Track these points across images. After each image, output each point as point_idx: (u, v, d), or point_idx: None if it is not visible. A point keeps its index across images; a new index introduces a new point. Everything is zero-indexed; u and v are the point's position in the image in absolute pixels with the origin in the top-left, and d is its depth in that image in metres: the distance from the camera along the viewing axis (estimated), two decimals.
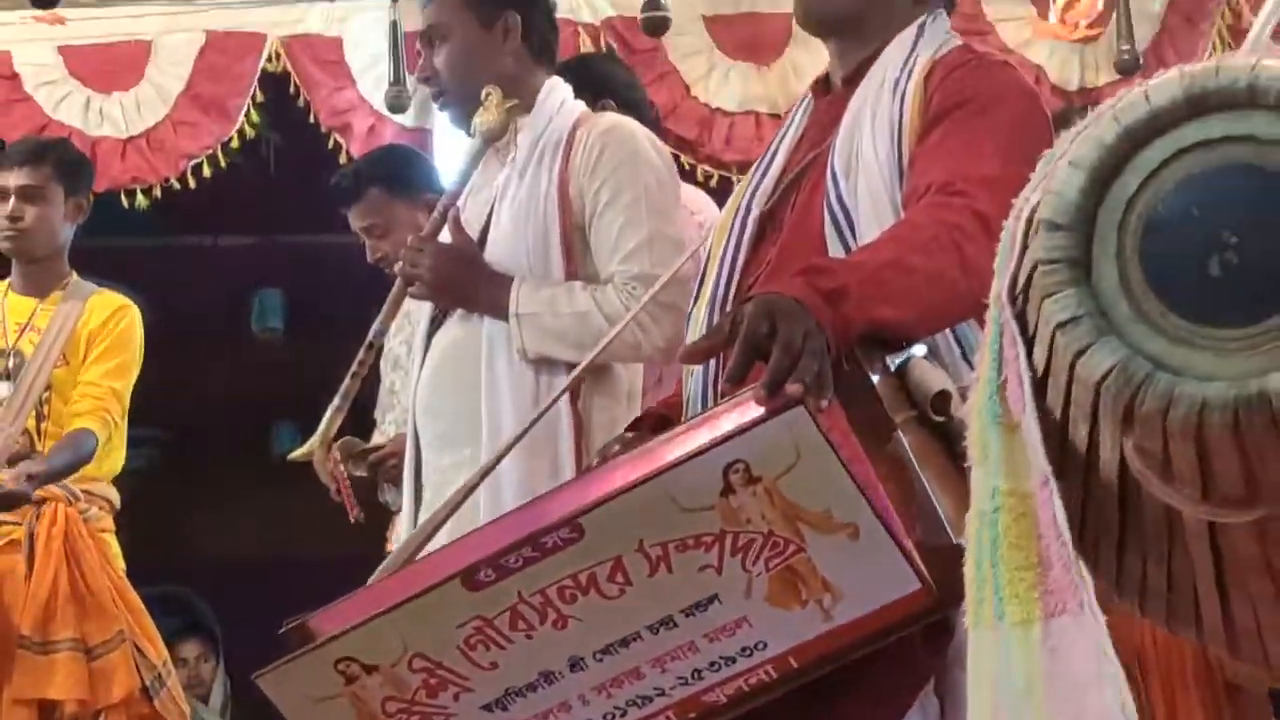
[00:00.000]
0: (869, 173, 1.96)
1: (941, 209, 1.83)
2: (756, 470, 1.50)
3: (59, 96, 5.42)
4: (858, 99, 2.06)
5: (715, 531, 1.53)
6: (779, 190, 2.07)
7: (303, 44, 5.50)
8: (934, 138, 1.96)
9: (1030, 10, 5.30)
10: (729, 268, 2.04)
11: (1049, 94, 5.33)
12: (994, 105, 1.97)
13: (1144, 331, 0.69)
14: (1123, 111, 0.72)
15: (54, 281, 4.12)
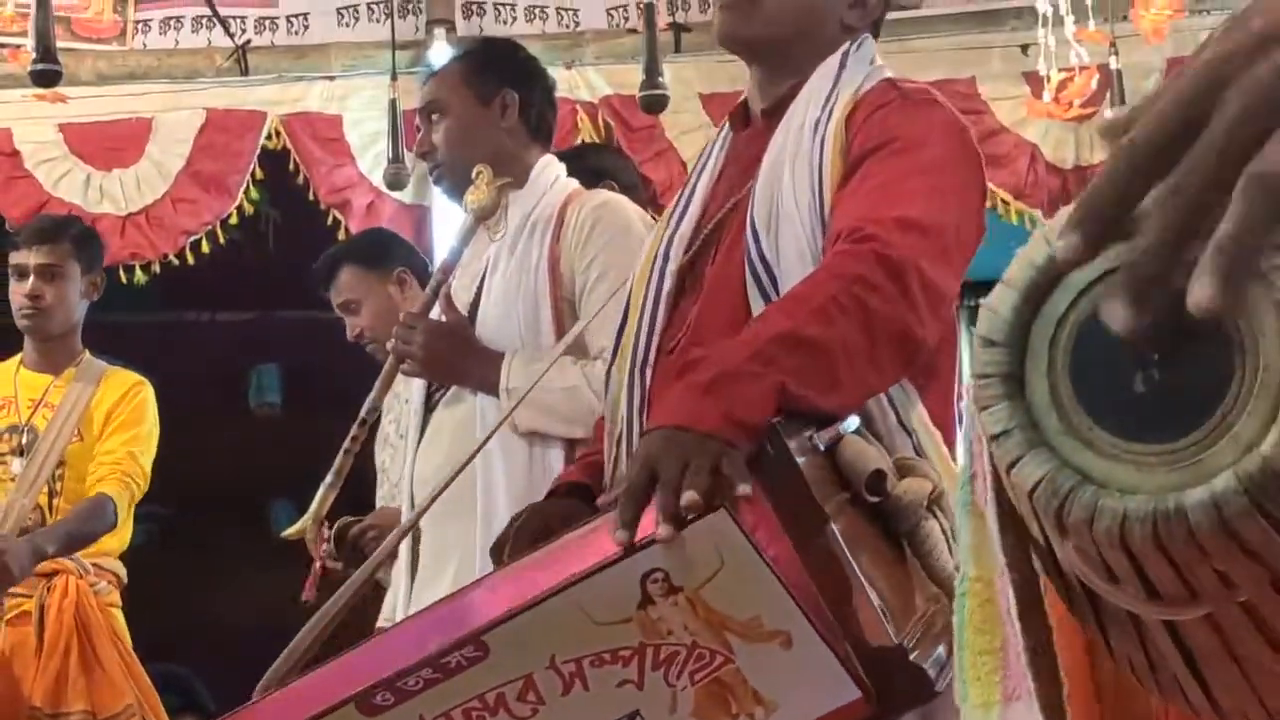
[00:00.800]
0: (790, 225, 1.84)
1: (845, 259, 1.72)
2: (677, 579, 1.39)
3: (59, 174, 5.46)
4: (778, 139, 1.93)
5: (634, 645, 1.42)
6: (699, 240, 1.94)
7: (302, 121, 5.54)
8: (853, 182, 1.84)
9: (1024, 90, 5.35)
10: (649, 326, 1.92)
11: (1044, 172, 5.38)
12: (917, 144, 1.85)
13: (1072, 445, 0.72)
14: (1052, 233, 0.75)
15: (67, 358, 4.14)
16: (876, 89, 1.95)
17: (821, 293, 1.66)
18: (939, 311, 1.78)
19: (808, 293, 1.69)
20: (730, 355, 1.59)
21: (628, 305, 2.01)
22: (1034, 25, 4.90)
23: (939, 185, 1.82)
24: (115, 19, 5.71)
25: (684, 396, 1.54)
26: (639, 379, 1.89)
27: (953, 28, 5.60)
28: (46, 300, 4.04)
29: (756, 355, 1.57)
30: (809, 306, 1.65)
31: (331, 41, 5.67)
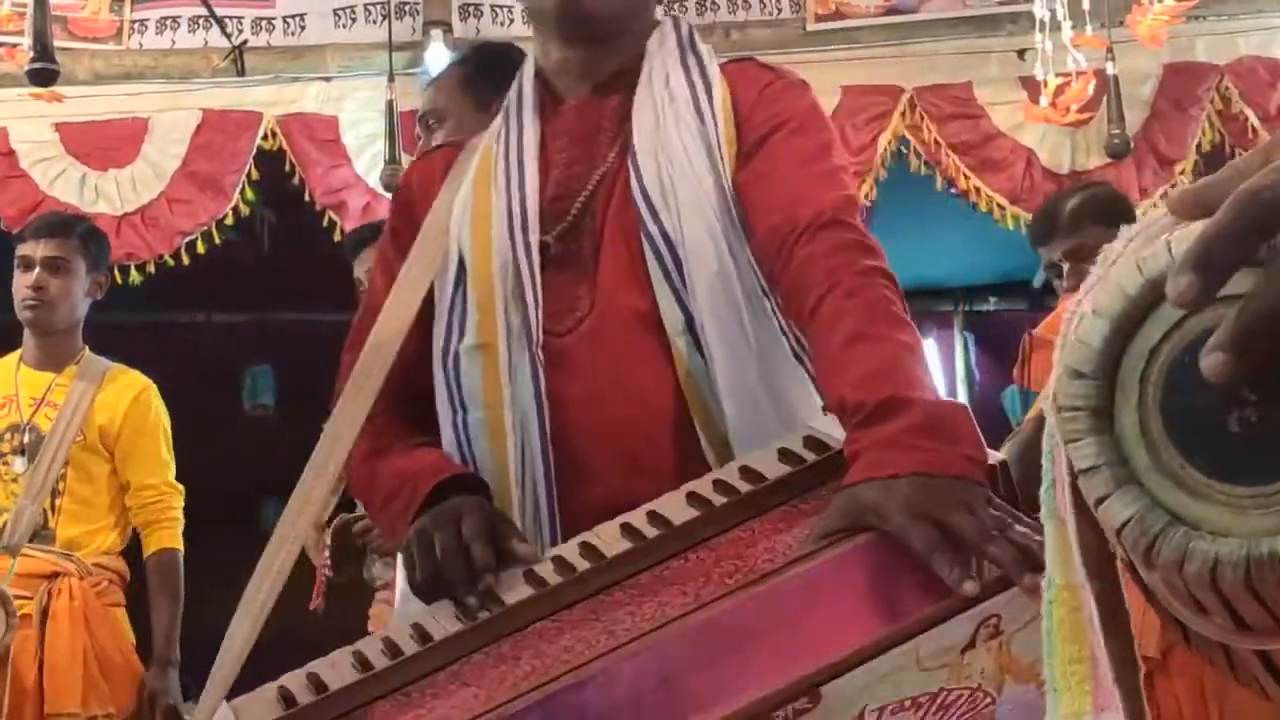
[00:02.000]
0: (695, 202, 1.78)
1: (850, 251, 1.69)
2: (1004, 625, 1.32)
3: (55, 173, 5.45)
4: (645, 115, 1.86)
5: (934, 690, 1.34)
6: (569, 214, 1.83)
7: (299, 122, 5.54)
8: (767, 158, 1.81)
9: (1022, 95, 5.35)
10: (530, 303, 1.78)
11: (1040, 177, 5.38)
12: (814, 126, 1.85)
13: (1162, 482, 0.70)
14: (1146, 261, 0.72)
15: (68, 356, 4.12)
16: (749, 69, 1.94)
17: (873, 294, 1.64)
18: None
19: (863, 297, 1.64)
20: (904, 389, 1.50)
21: (461, 282, 1.85)
22: (1031, 30, 4.90)
23: (843, 163, 1.85)
24: (112, 18, 5.70)
25: (907, 443, 1.44)
26: (537, 357, 1.76)
27: (950, 32, 5.60)
28: (50, 292, 4.02)
29: (916, 382, 1.53)
30: (880, 311, 1.62)
31: (328, 42, 5.66)
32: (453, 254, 1.86)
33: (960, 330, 7.73)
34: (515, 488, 1.74)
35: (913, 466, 1.40)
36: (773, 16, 5.76)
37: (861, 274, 1.65)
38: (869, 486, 1.40)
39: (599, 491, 1.65)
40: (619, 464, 1.71)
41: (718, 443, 1.72)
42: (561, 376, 1.75)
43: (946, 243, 6.81)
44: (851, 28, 5.66)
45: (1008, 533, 1.32)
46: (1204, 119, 5.40)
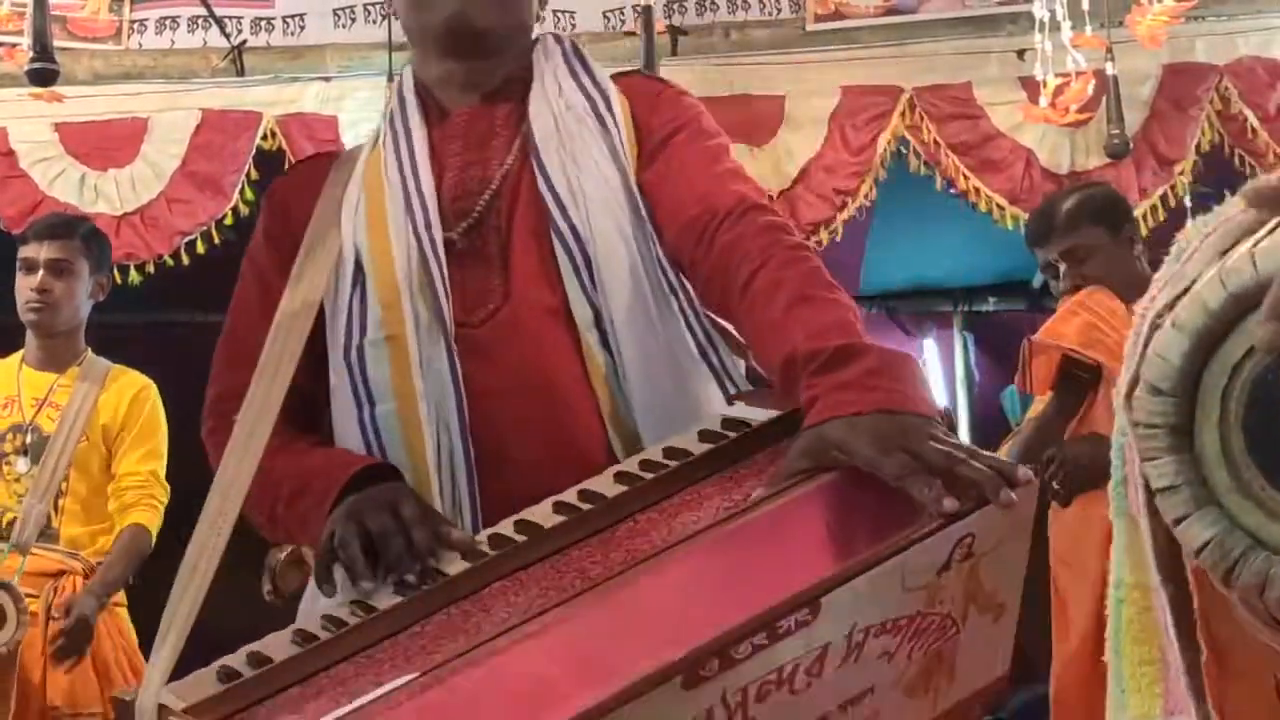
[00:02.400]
0: (601, 201, 1.83)
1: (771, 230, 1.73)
2: (977, 547, 1.33)
3: (54, 173, 5.45)
4: (543, 120, 1.90)
5: (912, 614, 1.33)
6: (475, 214, 1.85)
7: (298, 122, 5.54)
8: (672, 159, 1.87)
9: (1021, 95, 5.35)
10: (443, 298, 1.79)
11: (1039, 177, 5.38)
12: (710, 129, 1.93)
13: (1243, 503, 0.68)
14: (1229, 276, 0.70)
15: (71, 357, 4.12)
16: (639, 81, 2.02)
17: (810, 264, 1.68)
18: None
19: (804, 266, 1.68)
20: (857, 338, 1.54)
21: (359, 281, 1.85)
22: (1031, 30, 4.90)
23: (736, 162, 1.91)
24: (111, 18, 5.70)
25: (870, 384, 1.46)
26: (451, 350, 1.78)
27: (950, 33, 5.60)
28: (55, 295, 4.03)
29: (863, 336, 1.56)
30: (820, 280, 1.65)
31: (327, 42, 5.66)
32: (348, 252, 1.87)
33: (959, 330, 7.72)
34: (434, 477, 1.75)
35: (875, 404, 1.42)
36: (772, 17, 5.76)
37: (792, 249, 1.69)
38: (833, 425, 1.42)
39: (519, 481, 1.65)
40: (537, 454, 1.72)
41: (626, 436, 1.74)
42: (477, 366, 1.77)
43: (946, 243, 6.81)
44: (851, 28, 5.66)
45: (974, 458, 1.34)
46: (1203, 119, 5.39)
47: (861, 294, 7.52)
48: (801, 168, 5.46)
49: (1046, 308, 7.14)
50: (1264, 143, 5.30)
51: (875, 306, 7.66)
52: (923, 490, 1.31)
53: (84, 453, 4.02)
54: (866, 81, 5.54)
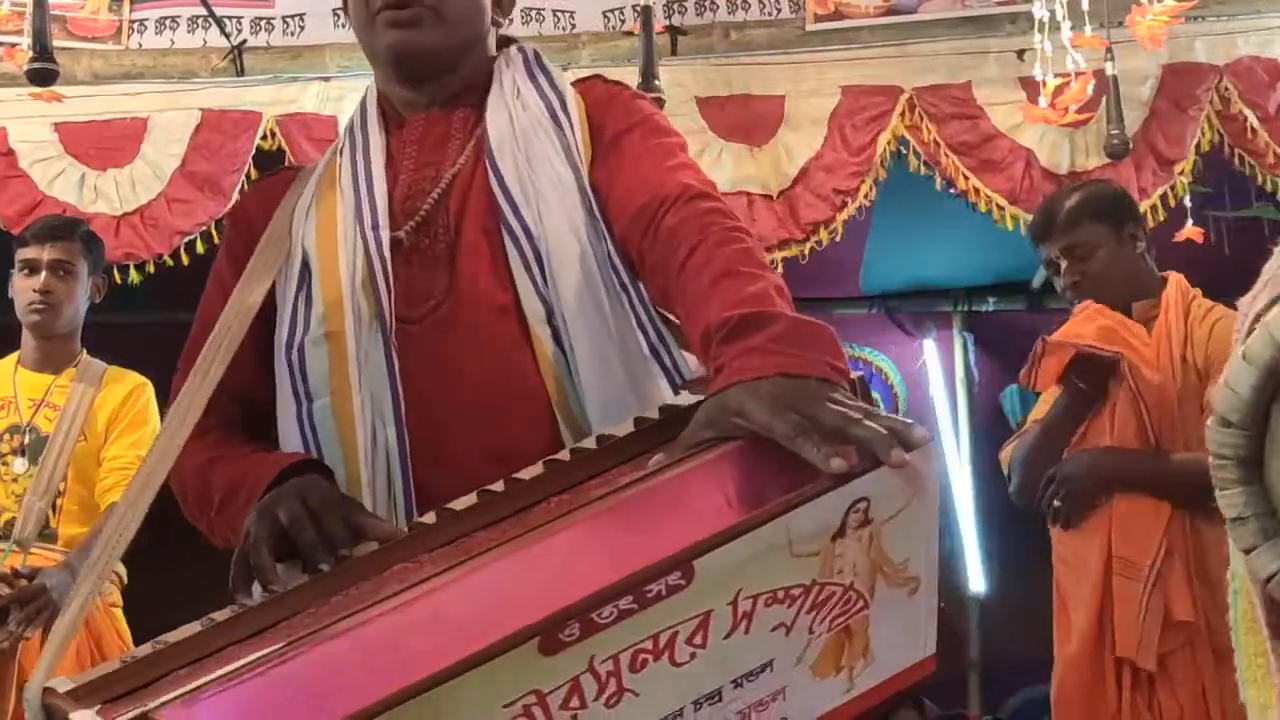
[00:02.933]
0: (554, 198, 1.83)
1: (710, 215, 1.73)
2: (874, 512, 1.28)
3: (54, 173, 5.44)
4: (498, 123, 1.91)
5: (807, 583, 1.28)
6: (422, 213, 1.86)
7: (297, 122, 5.53)
8: (624, 156, 1.87)
9: (1021, 95, 5.34)
10: (376, 294, 1.79)
11: (1039, 178, 5.38)
12: (664, 128, 1.92)
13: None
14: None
15: (68, 358, 4.12)
16: (597, 83, 2.02)
17: (742, 244, 1.68)
18: None
19: (735, 246, 1.67)
20: (773, 306, 1.53)
21: (305, 282, 1.87)
22: (1030, 30, 4.89)
23: (691, 160, 1.90)
24: (111, 18, 5.70)
25: (772, 348, 1.44)
26: (389, 344, 1.77)
27: (949, 33, 5.60)
28: (58, 296, 4.04)
29: (782, 306, 1.54)
30: (753, 258, 1.65)
31: (327, 42, 5.65)
32: (295, 254, 1.88)
33: (959, 330, 7.72)
34: (365, 469, 1.75)
35: (776, 368, 1.41)
36: (772, 17, 5.75)
37: (728, 230, 1.68)
38: (733, 391, 1.41)
39: (458, 476, 1.60)
40: (477, 450, 1.71)
41: (578, 433, 1.72)
42: (417, 361, 1.77)
43: (945, 243, 6.81)
44: (850, 28, 5.66)
45: (870, 418, 1.31)
46: (1203, 119, 5.39)
47: (861, 294, 7.52)
48: (801, 168, 5.45)
49: (1046, 308, 7.15)
50: (1264, 143, 5.30)
51: (875, 306, 7.66)
52: (812, 451, 1.29)
53: (82, 453, 4.02)
54: (866, 81, 5.54)
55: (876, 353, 8.21)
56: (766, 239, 5.37)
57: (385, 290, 1.80)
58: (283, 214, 1.95)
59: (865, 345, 8.17)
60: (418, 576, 1.31)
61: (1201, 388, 3.44)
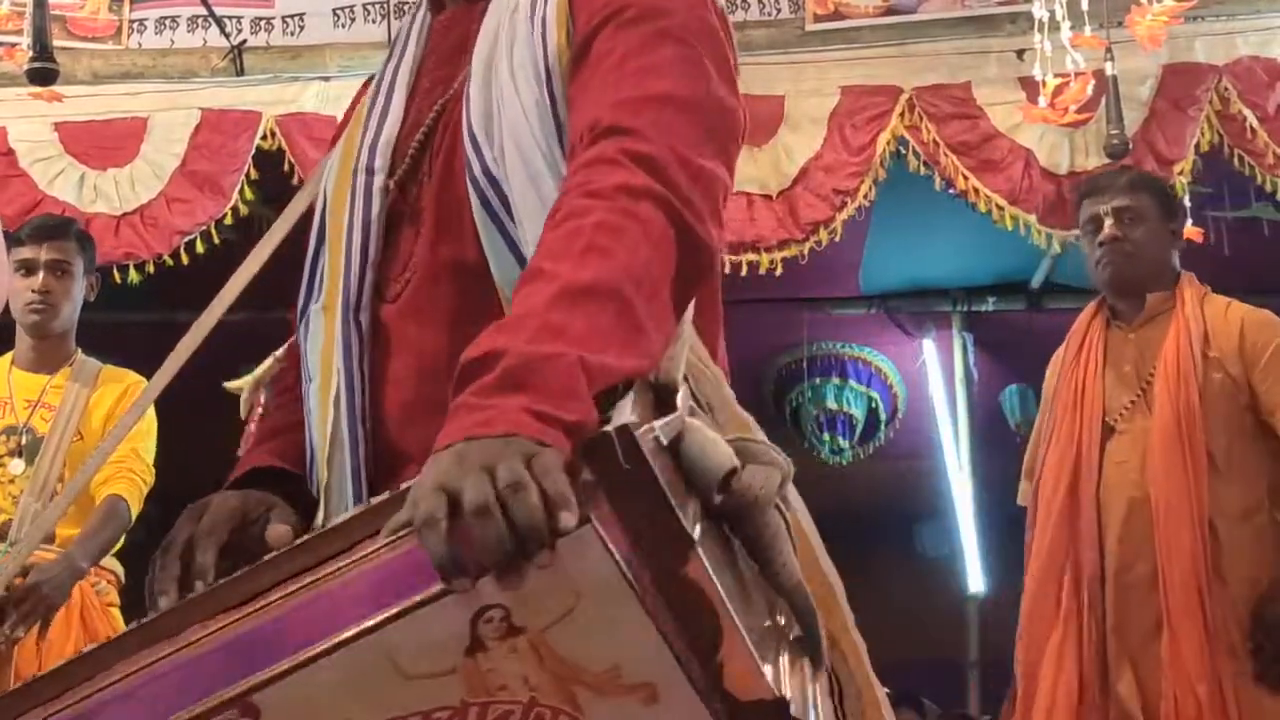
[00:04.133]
0: (516, 131, 1.50)
1: (596, 168, 1.37)
2: (519, 619, 1.07)
3: (54, 172, 5.45)
4: (490, 24, 1.59)
5: (455, 704, 1.10)
6: (408, 154, 1.58)
7: (297, 122, 5.53)
8: (585, 68, 1.50)
9: (1020, 95, 5.35)
10: (359, 259, 1.57)
11: (1039, 177, 5.38)
12: (656, 10, 1.51)
13: None
14: None
15: (63, 358, 4.12)
16: None
17: (585, 220, 1.31)
18: (718, 204, 1.44)
19: (569, 225, 1.32)
20: (512, 338, 1.21)
21: (322, 228, 1.65)
22: (1030, 31, 4.90)
23: (689, 54, 1.48)
24: (111, 18, 5.70)
25: (472, 404, 1.17)
26: (354, 326, 1.55)
27: (949, 33, 5.60)
28: (56, 296, 4.04)
29: (542, 329, 1.21)
30: (577, 243, 1.29)
31: (327, 42, 5.66)
32: (319, 204, 1.69)
33: (959, 331, 7.72)
34: (323, 470, 1.56)
35: (462, 432, 1.15)
36: (771, 17, 5.75)
37: (590, 195, 1.35)
38: (430, 461, 1.15)
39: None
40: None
41: None
42: (384, 348, 1.55)
43: (945, 243, 6.81)
44: (850, 28, 5.66)
45: (512, 505, 1.05)
46: (1202, 119, 5.39)
47: (861, 294, 7.52)
48: (801, 168, 5.46)
49: (1045, 308, 7.16)
50: (1263, 143, 5.30)
51: (874, 306, 7.66)
52: (431, 548, 1.05)
53: (77, 452, 4.01)
54: (866, 81, 5.54)
55: (876, 352, 8.22)
56: (766, 239, 5.38)
57: (359, 260, 1.57)
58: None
59: (864, 345, 8.18)
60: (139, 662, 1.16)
61: (1231, 383, 3.43)
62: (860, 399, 8.32)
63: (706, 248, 1.40)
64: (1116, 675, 3.40)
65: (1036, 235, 5.40)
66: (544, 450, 1.11)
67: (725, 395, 1.39)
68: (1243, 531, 3.37)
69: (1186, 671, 3.28)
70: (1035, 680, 3.57)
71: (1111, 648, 3.42)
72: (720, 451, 1.21)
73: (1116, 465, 3.48)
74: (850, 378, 8.29)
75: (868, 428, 8.38)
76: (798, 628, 1.25)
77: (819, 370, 8.24)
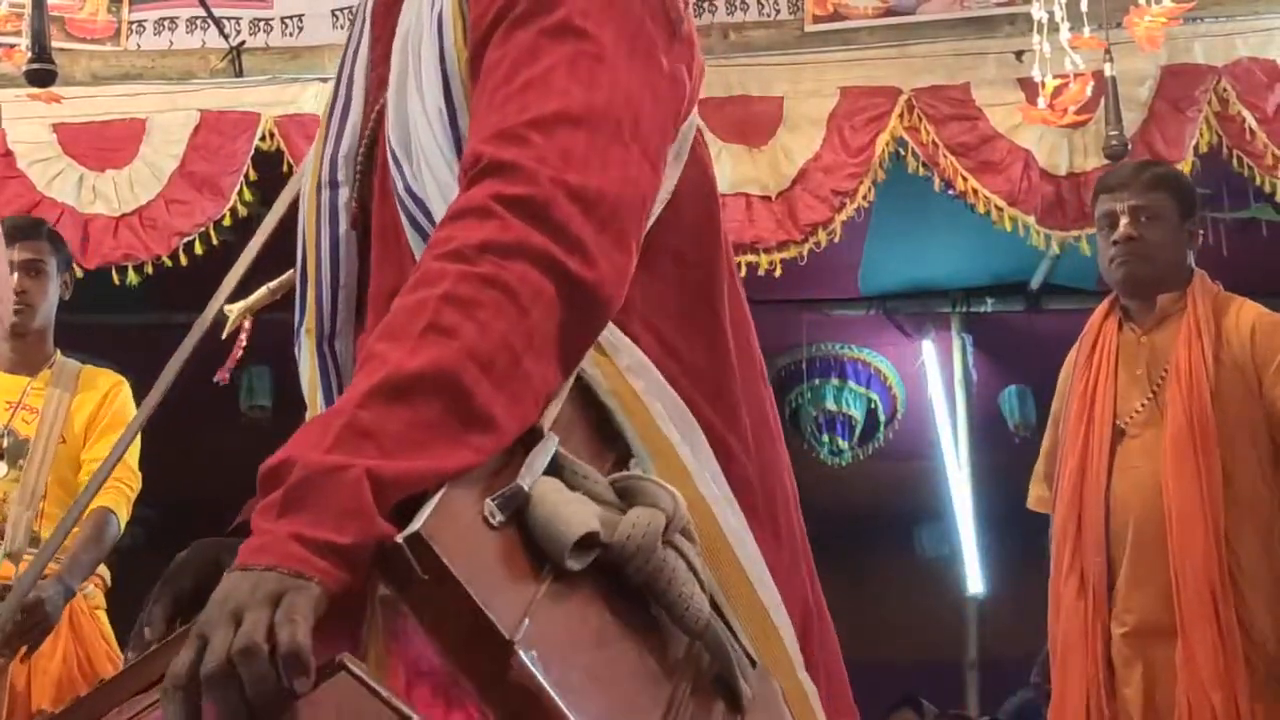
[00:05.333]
0: (426, 145, 1.35)
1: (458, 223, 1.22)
2: None
3: (52, 174, 5.44)
4: (405, 19, 1.43)
5: None
6: (359, 165, 1.45)
7: (296, 123, 5.53)
8: (481, 77, 1.33)
9: (1019, 96, 5.34)
10: (329, 290, 1.46)
11: (1038, 179, 5.38)
12: (548, 4, 1.32)
13: None
14: None
15: (42, 359, 4.10)
16: None
17: (434, 290, 1.18)
18: (618, 227, 1.26)
19: (417, 296, 1.19)
20: (309, 447, 1.11)
21: (303, 246, 1.52)
22: (1029, 32, 4.89)
23: (585, 49, 1.30)
24: (109, 19, 5.70)
25: (255, 525, 1.09)
26: (329, 356, 1.48)
27: (948, 34, 5.60)
28: (32, 295, 4.03)
29: (344, 433, 1.10)
30: (419, 321, 1.16)
31: (326, 43, 5.65)
32: (301, 213, 1.56)
33: (958, 332, 7.71)
34: None
35: (241, 557, 1.08)
36: (770, 17, 5.75)
37: (448, 256, 1.21)
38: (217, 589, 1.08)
39: None
40: None
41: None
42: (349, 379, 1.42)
43: (944, 244, 6.81)
44: (849, 29, 5.66)
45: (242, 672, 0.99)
46: (1201, 120, 5.39)
47: (860, 295, 7.52)
48: (800, 169, 5.45)
49: (1045, 309, 7.16)
50: (1262, 144, 5.30)
51: (873, 307, 7.65)
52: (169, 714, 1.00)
53: (61, 456, 4.00)
54: (865, 82, 5.54)
55: (875, 354, 8.21)
56: (765, 240, 5.37)
57: (330, 283, 1.46)
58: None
59: (864, 346, 8.17)
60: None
61: (1244, 381, 3.40)
62: (859, 400, 8.31)
63: (596, 288, 1.24)
64: (1124, 680, 3.38)
65: (1035, 236, 5.40)
66: (298, 589, 1.03)
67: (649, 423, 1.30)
68: (1256, 538, 3.35)
69: (1201, 678, 3.25)
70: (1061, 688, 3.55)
71: (1120, 652, 3.39)
72: (573, 515, 1.14)
73: (1128, 469, 3.45)
74: (849, 379, 8.28)
75: (867, 429, 8.37)
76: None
77: (818, 371, 8.23)
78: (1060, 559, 3.55)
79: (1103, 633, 3.40)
